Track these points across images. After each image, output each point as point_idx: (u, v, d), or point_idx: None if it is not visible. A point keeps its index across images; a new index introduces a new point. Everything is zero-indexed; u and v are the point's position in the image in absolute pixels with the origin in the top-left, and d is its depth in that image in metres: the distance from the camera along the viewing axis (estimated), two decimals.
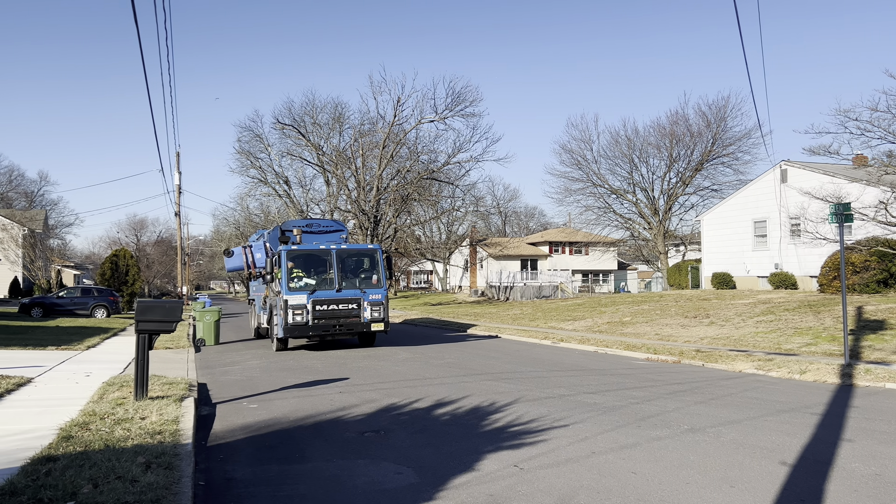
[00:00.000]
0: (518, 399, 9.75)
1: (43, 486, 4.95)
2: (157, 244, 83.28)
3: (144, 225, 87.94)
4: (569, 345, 18.23)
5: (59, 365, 13.12)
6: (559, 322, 25.69)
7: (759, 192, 33.51)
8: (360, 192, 40.14)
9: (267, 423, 8.44)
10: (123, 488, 4.91)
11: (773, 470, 6.09)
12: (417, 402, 9.60)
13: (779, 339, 16.97)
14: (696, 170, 44.76)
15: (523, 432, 7.63)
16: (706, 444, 7.01)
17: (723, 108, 43.57)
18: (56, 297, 33.03)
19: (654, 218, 46.28)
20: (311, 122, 43.42)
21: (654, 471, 6.07)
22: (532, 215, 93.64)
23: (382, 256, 18.22)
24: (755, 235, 33.87)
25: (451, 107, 39.81)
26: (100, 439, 6.41)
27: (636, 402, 9.42)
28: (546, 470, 6.10)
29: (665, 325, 21.59)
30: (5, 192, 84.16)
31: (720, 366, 13.44)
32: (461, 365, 14.06)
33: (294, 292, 16.86)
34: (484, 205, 56.74)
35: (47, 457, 5.79)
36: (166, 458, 5.78)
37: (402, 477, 6.00)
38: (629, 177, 47.06)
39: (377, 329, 17.48)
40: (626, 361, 14.68)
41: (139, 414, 7.66)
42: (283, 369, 13.83)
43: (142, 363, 8.66)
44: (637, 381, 11.60)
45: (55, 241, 70.93)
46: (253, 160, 43.99)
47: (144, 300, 9.32)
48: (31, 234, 53.12)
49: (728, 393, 10.31)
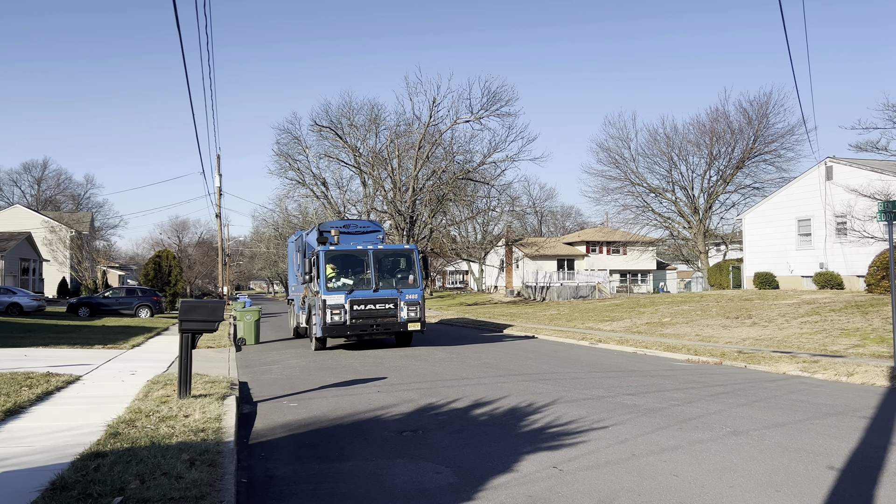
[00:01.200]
0: (556, 400, 9.69)
1: (92, 481, 5.08)
2: (199, 245, 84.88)
3: (186, 226, 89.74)
4: (607, 346, 18.05)
5: (106, 363, 13.47)
6: (597, 322, 25.45)
7: (803, 189, 32.73)
8: (396, 193, 40.34)
9: (307, 421, 8.54)
10: (169, 485, 5.02)
11: (821, 474, 5.94)
12: (455, 402, 9.60)
13: (824, 340, 16.55)
14: (738, 167, 43.93)
15: (562, 433, 7.58)
16: (750, 448, 6.87)
17: (765, 104, 42.73)
18: (102, 298, 33.93)
19: (693, 217, 45.54)
20: (348, 123, 43.81)
21: (696, 474, 5.97)
22: (569, 215, 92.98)
23: (418, 256, 18.23)
24: (799, 234, 33.10)
25: (487, 106, 39.77)
26: (145, 436, 6.57)
27: (677, 404, 9.28)
28: (585, 472, 6.05)
29: (706, 326, 21.23)
30: (54, 195, 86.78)
31: (763, 367, 13.15)
32: (498, 365, 14.02)
33: (332, 292, 16.98)
34: (520, 204, 56.50)
35: (96, 453, 5.95)
36: (210, 455, 5.89)
37: (441, 477, 6.01)
38: (668, 175, 46.44)
39: (414, 329, 17.52)
40: (665, 363, 14.47)
41: (183, 412, 7.82)
42: (322, 368, 13.98)
43: (185, 362, 8.83)
44: (677, 382, 11.43)
45: (101, 243, 72.85)
46: (291, 162, 44.54)
47: (188, 300, 9.51)
48: (78, 235, 54.65)
49: (772, 395, 10.09)
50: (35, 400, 8.77)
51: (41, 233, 50.75)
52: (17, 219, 53.34)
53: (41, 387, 9.57)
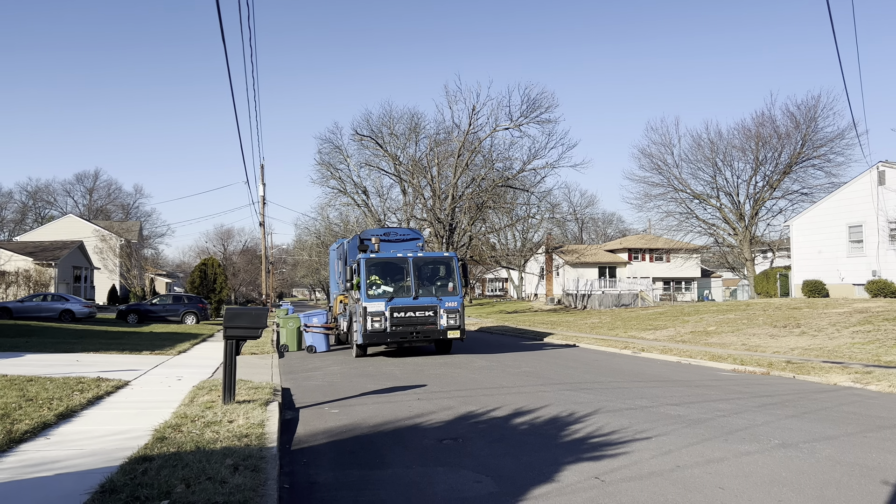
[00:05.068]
0: (598, 410, 9.57)
1: (140, 484, 5.20)
2: (243, 253, 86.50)
3: (231, 234, 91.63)
4: (650, 355, 17.76)
5: (153, 369, 13.78)
6: (639, 331, 25.07)
7: (853, 195, 31.77)
8: (436, 201, 40.46)
9: (348, 427, 8.60)
10: (213, 489, 5.10)
11: (875, 489, 5.74)
12: (495, 411, 9.56)
13: (878, 350, 16.00)
14: (785, 173, 42.85)
15: (604, 444, 7.48)
16: (799, 461, 6.67)
17: (813, 107, 41.59)
18: (150, 305, 34.80)
19: (739, 223, 44.57)
20: (388, 132, 44.14)
21: (743, 487, 5.82)
22: (610, 222, 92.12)
23: (458, 264, 18.25)
24: (850, 241, 32.11)
25: (527, 114, 39.63)
26: (191, 441, 6.69)
27: (722, 415, 9.07)
28: (628, 483, 5.95)
29: (752, 335, 20.73)
30: (104, 205, 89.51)
31: (813, 378, 12.77)
32: (538, 374, 13.92)
33: (373, 299, 17.09)
34: (560, 211, 56.11)
35: (143, 457, 6.09)
36: (253, 460, 5.97)
37: (482, 486, 5.98)
38: (712, 181, 45.55)
39: (453, 336, 17.49)
40: (710, 372, 14.17)
41: (227, 417, 7.94)
42: (363, 375, 14.06)
43: (229, 368, 8.97)
44: (723, 392, 11.17)
45: (149, 251, 74.82)
46: (333, 171, 45.04)
47: (232, 307, 9.68)
48: (127, 244, 56.22)
49: (822, 407, 9.78)
50: (86, 404, 9.02)
51: (92, 241, 52.36)
52: (70, 228, 55.18)
53: (92, 391, 9.84)
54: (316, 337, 20.31)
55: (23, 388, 9.76)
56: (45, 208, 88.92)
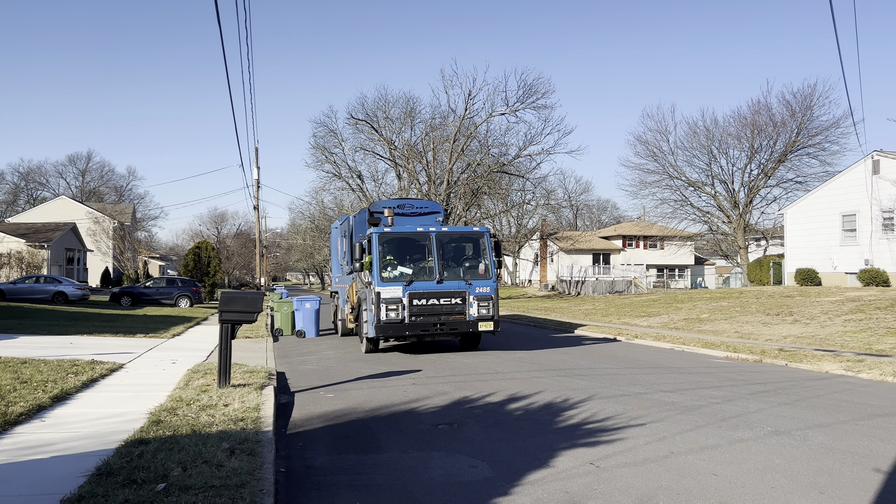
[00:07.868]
0: (592, 396, 9.61)
1: (136, 467, 5.20)
2: (237, 236, 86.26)
3: (225, 218, 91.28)
4: (643, 341, 17.84)
5: (148, 352, 13.77)
6: (633, 318, 25.17)
7: (848, 184, 31.86)
8: (431, 186, 40.37)
9: (343, 412, 8.62)
10: (210, 472, 5.11)
11: (866, 477, 5.79)
12: (490, 397, 9.60)
13: (869, 339, 16.11)
14: (780, 161, 42.89)
15: (599, 430, 7.52)
16: (792, 448, 6.73)
17: (809, 96, 41.56)
18: (143, 287, 34.74)
19: (733, 211, 44.66)
20: (384, 116, 43.92)
21: (736, 473, 5.87)
22: (605, 208, 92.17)
23: (490, 241, 15.32)
24: (843, 230, 32.24)
25: (523, 99, 39.49)
26: (187, 424, 6.70)
27: (716, 402, 9.13)
28: (623, 469, 5.99)
29: (745, 323, 20.84)
30: (97, 187, 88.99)
31: (805, 366, 12.86)
32: (532, 360, 13.96)
33: (388, 283, 14.28)
34: (555, 198, 55.94)
35: (139, 440, 6.09)
36: (249, 444, 5.98)
37: (477, 471, 6.01)
38: (707, 169, 45.57)
39: (485, 329, 14.64)
40: (704, 360, 14.25)
41: (223, 401, 7.95)
42: (358, 360, 14.08)
43: (225, 352, 8.97)
44: (716, 380, 11.24)
45: (142, 234, 74.49)
46: (327, 155, 44.83)
47: (228, 291, 9.65)
48: (120, 226, 55.96)
49: (814, 394, 9.86)
50: (81, 387, 9.01)
51: (85, 223, 52.08)
52: (63, 210, 54.83)
53: (86, 374, 9.83)
54: (306, 322, 20.23)
55: (17, 371, 9.74)
56: (37, 189, 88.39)
